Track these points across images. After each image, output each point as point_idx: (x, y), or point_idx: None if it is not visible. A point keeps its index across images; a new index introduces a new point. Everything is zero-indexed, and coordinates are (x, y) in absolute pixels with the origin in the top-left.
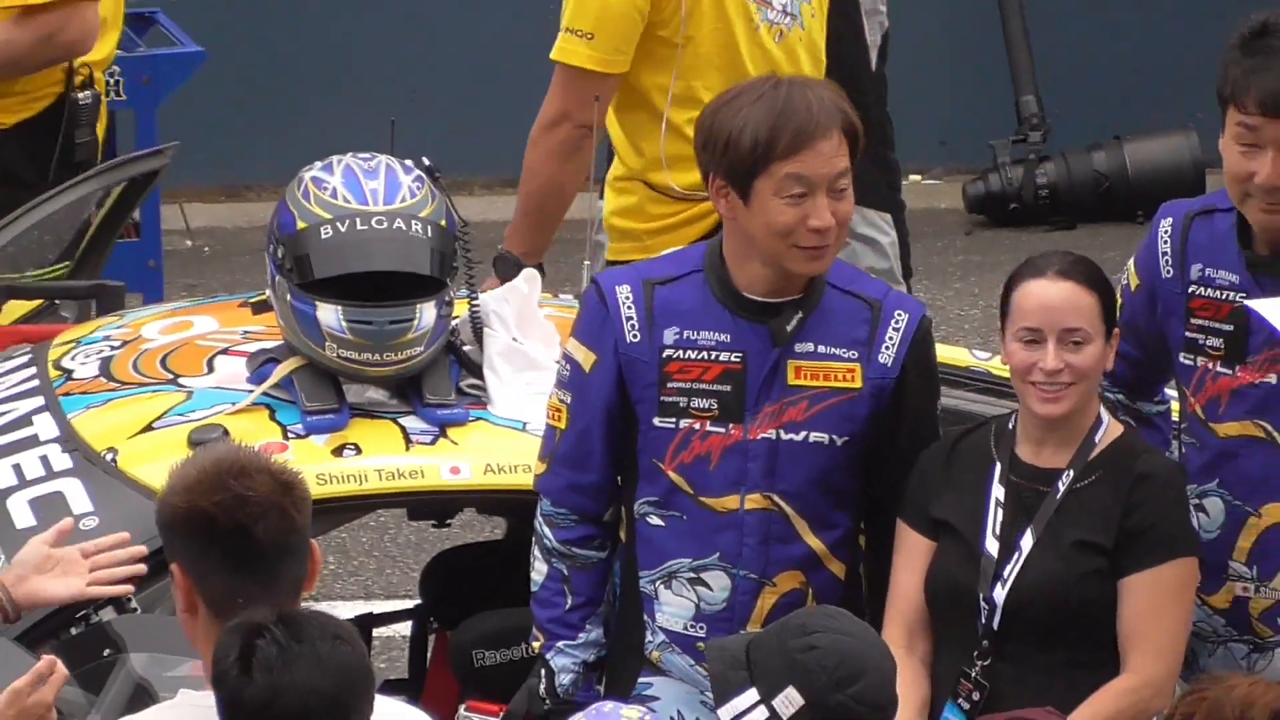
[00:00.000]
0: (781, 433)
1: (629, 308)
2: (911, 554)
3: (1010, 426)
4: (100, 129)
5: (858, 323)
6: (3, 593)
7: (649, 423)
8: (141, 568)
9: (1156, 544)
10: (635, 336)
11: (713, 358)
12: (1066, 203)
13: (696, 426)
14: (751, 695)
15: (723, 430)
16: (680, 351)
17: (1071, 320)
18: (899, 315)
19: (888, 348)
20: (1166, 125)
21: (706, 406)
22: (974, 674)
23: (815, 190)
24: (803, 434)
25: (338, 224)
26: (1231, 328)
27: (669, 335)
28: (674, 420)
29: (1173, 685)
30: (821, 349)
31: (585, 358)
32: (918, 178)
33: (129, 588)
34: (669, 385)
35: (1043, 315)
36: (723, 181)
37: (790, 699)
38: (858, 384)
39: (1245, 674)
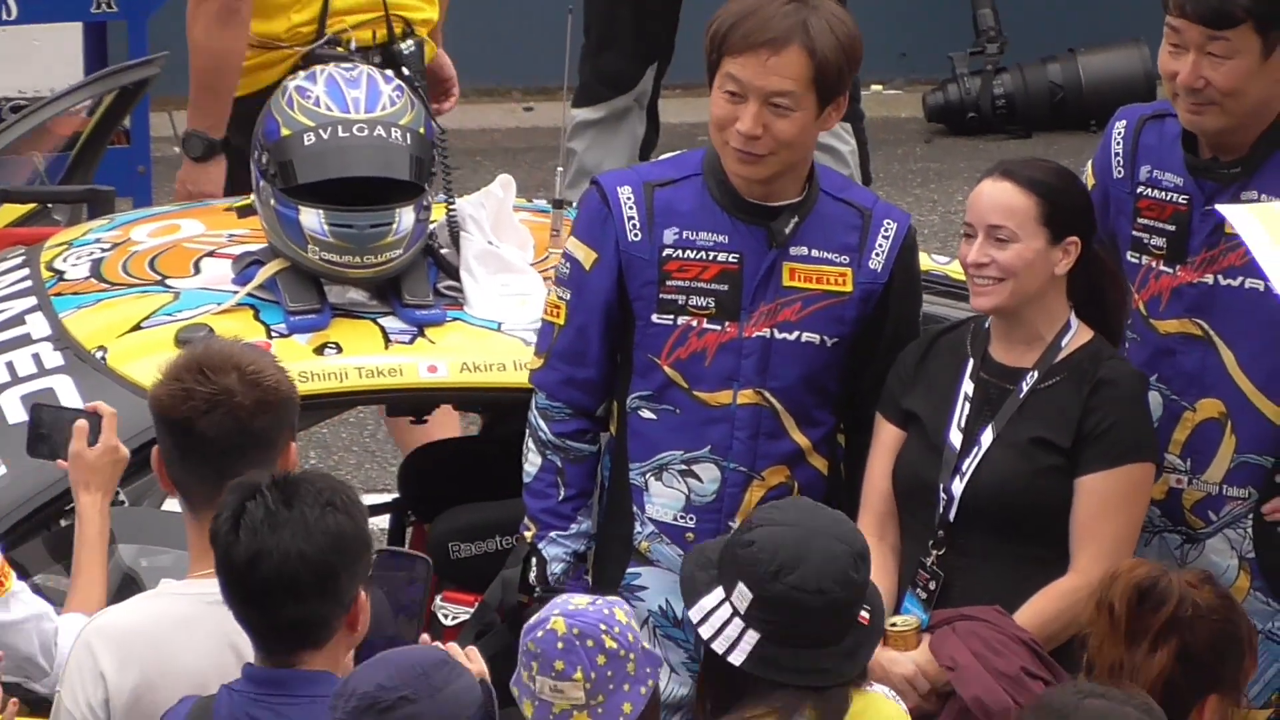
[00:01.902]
0: (775, 332)
1: (630, 208)
2: (883, 444)
3: (986, 326)
4: None
5: (849, 229)
6: None
7: (646, 319)
8: None
9: (1111, 447)
10: (636, 235)
11: (711, 258)
12: (1022, 112)
13: (694, 324)
14: (717, 594)
15: (719, 328)
16: (679, 251)
17: (994, 218)
18: (888, 224)
19: (877, 254)
20: (1119, 38)
21: (704, 304)
22: (930, 563)
23: (748, 96)
24: (795, 334)
25: (320, 131)
26: (1174, 228)
27: (669, 235)
28: (672, 317)
29: None
30: (815, 253)
31: (586, 256)
32: (879, 88)
33: None
34: (668, 283)
35: (973, 211)
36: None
37: (741, 593)
38: (849, 288)
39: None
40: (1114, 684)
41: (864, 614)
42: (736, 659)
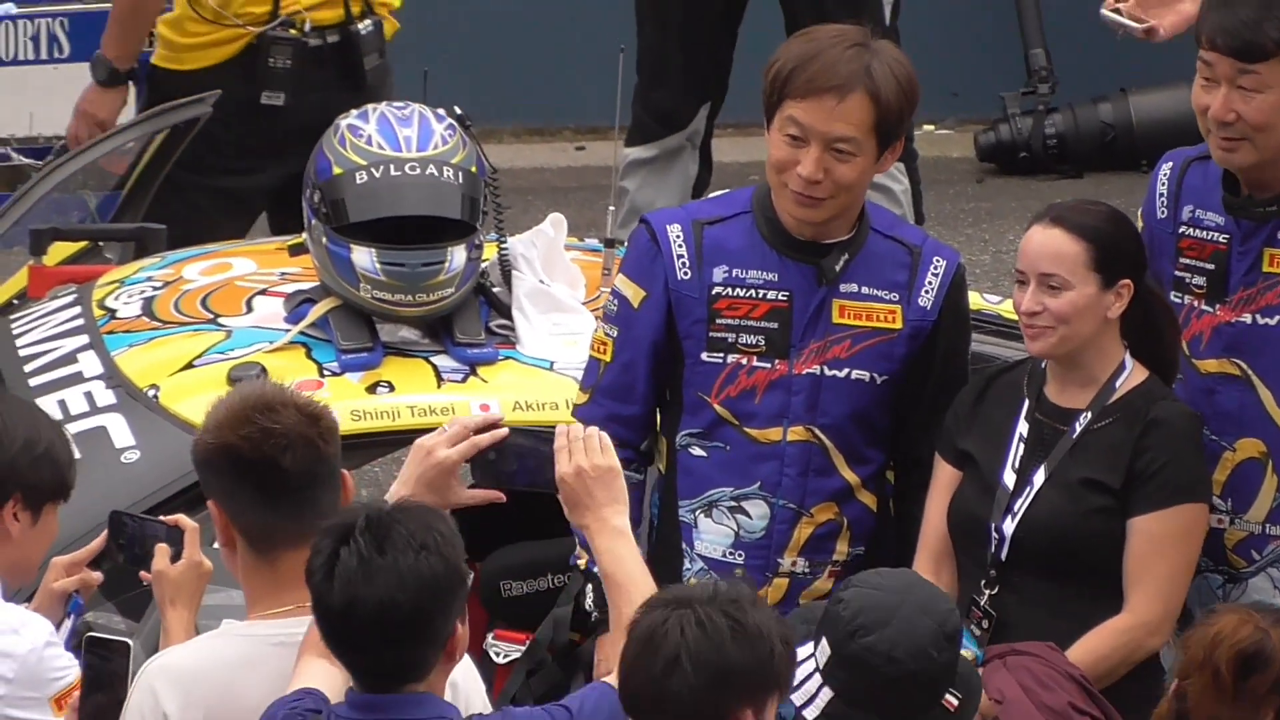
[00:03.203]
0: (825, 369)
1: (679, 246)
2: (940, 484)
3: (1043, 366)
4: None
5: (898, 266)
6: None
7: (696, 357)
8: None
9: (1163, 487)
10: (686, 274)
11: (760, 295)
12: (1074, 152)
13: (744, 361)
14: (808, 647)
15: (768, 365)
16: (729, 289)
17: (1046, 265)
18: (937, 261)
19: (927, 292)
20: (1171, 78)
21: (754, 342)
22: (982, 603)
23: (810, 140)
24: (845, 371)
25: (372, 170)
26: (1214, 267)
27: (718, 273)
28: (722, 355)
29: (1170, 627)
30: (865, 290)
31: (634, 294)
32: (930, 128)
33: None
34: (717, 321)
35: (1025, 259)
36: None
37: (823, 649)
38: (898, 325)
39: (1235, 606)
40: None
41: (950, 698)
42: (809, 714)
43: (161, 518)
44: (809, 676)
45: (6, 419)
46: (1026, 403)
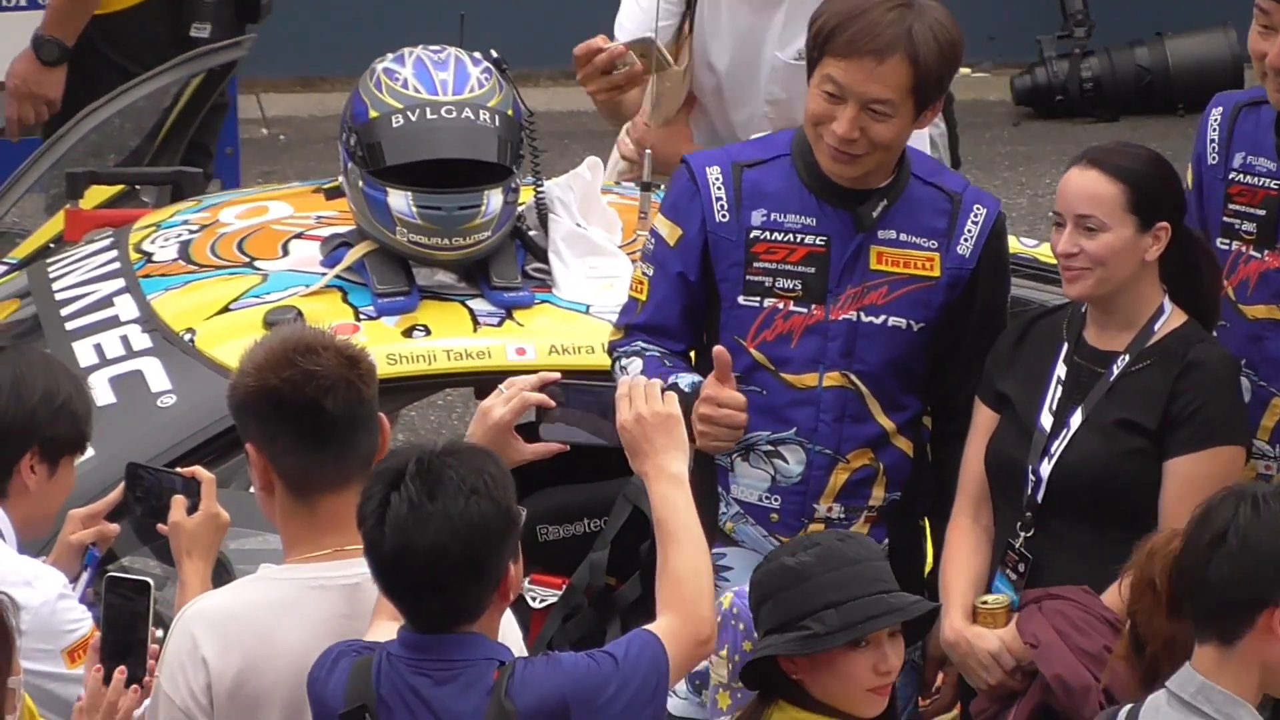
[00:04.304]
0: (862, 315)
1: (718, 188)
2: (979, 428)
3: (1082, 310)
4: None
5: (938, 213)
6: None
7: (733, 301)
8: None
9: (1198, 430)
10: (724, 216)
11: (798, 240)
12: (1110, 96)
13: (780, 306)
14: None
15: (805, 310)
16: (767, 233)
17: (1082, 207)
18: (978, 209)
19: (966, 239)
20: (1206, 22)
21: (790, 287)
22: (1018, 545)
23: (847, 98)
24: (882, 317)
25: (408, 113)
26: (1264, 213)
27: (756, 217)
28: (758, 299)
29: None
30: (903, 237)
31: (670, 232)
32: (967, 71)
33: None
34: (755, 265)
35: (1062, 201)
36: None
37: None
38: (936, 272)
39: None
40: (1169, 659)
41: None
42: None
43: (178, 469)
44: None
45: (25, 371)
46: (1065, 346)
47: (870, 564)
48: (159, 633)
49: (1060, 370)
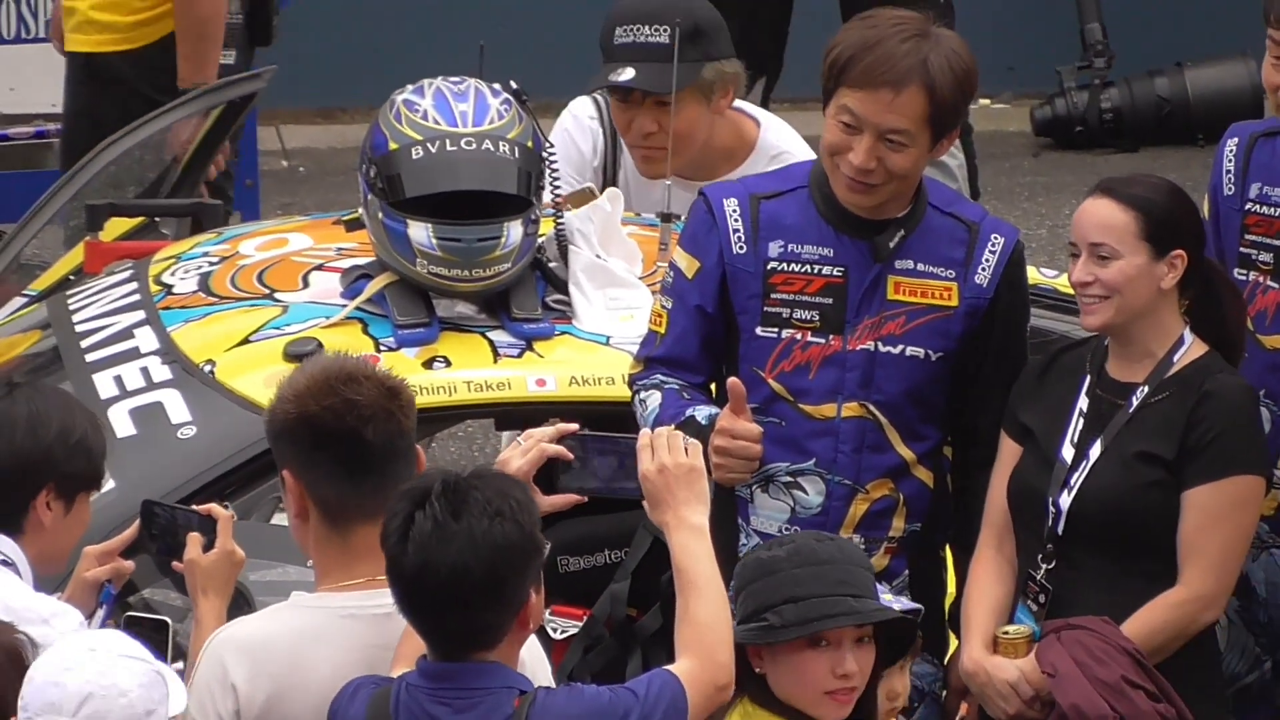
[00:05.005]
0: (879, 345)
1: (735, 220)
2: (1003, 460)
3: (1105, 343)
4: None
5: (955, 243)
6: None
7: (751, 332)
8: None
9: (1215, 460)
10: (741, 248)
11: (816, 271)
12: (1130, 126)
13: (798, 337)
14: None
15: (823, 341)
16: (784, 264)
17: (1096, 235)
18: (995, 238)
19: (984, 269)
20: (1226, 52)
21: (808, 318)
22: (1039, 576)
23: (863, 129)
24: (900, 347)
25: (428, 145)
26: None
27: (774, 248)
28: (776, 330)
29: (1224, 600)
30: (920, 266)
31: (689, 265)
32: (986, 102)
33: None
34: (772, 296)
35: (1077, 231)
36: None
37: None
38: (954, 302)
39: None
40: None
41: None
42: None
43: (194, 507)
44: None
45: (41, 407)
46: (1088, 378)
47: (843, 566)
48: (179, 665)
49: (1083, 402)
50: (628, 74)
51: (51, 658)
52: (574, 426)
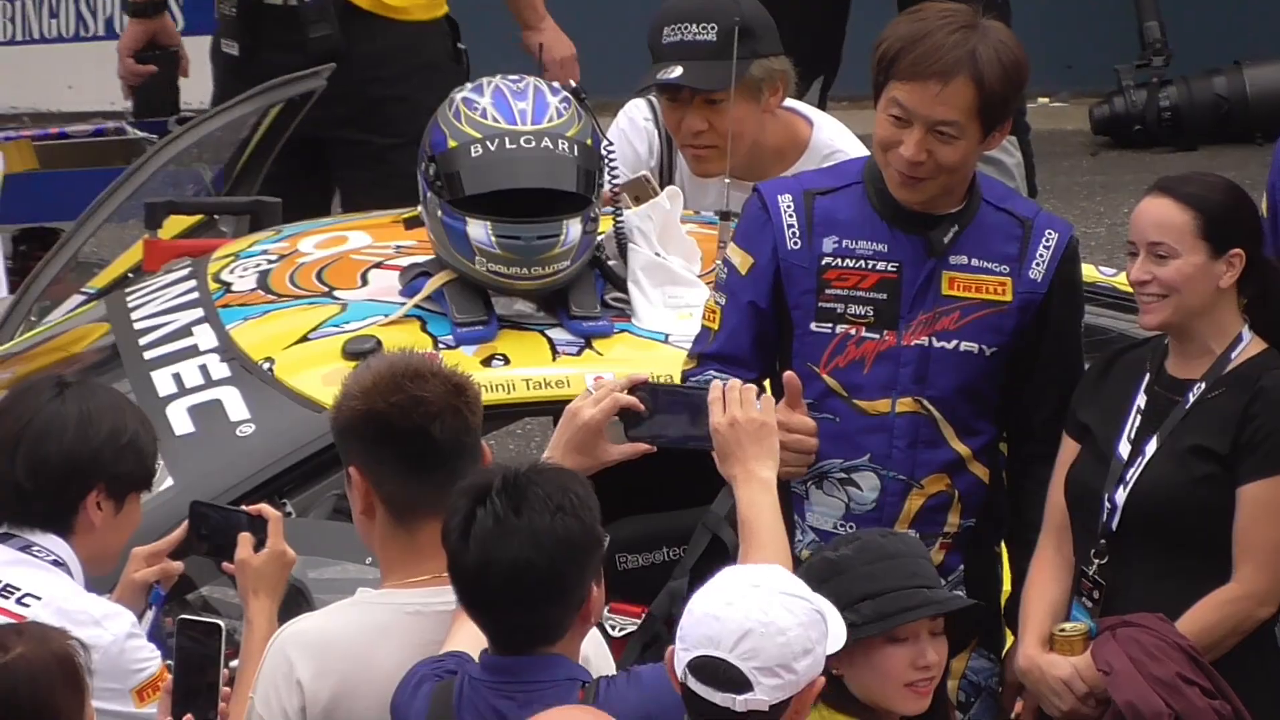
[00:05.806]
0: (934, 340)
1: (790, 215)
2: (1063, 460)
3: (1166, 341)
4: None
5: (1009, 239)
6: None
7: (805, 327)
8: None
9: (1270, 454)
10: (795, 244)
11: (870, 266)
12: (1188, 125)
13: (852, 332)
14: None
15: (877, 336)
16: (839, 260)
17: (1153, 234)
18: (1049, 234)
19: (1038, 264)
20: None
21: (862, 313)
22: (1091, 572)
23: (913, 122)
24: (954, 343)
25: (487, 143)
26: None
27: (828, 244)
28: (830, 325)
29: (1278, 597)
30: (975, 262)
31: (742, 261)
32: (1045, 101)
33: None
34: (826, 292)
35: (1135, 230)
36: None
37: None
38: (1008, 297)
39: None
40: None
41: None
42: None
43: (244, 507)
44: None
45: (92, 408)
46: (1147, 376)
47: (910, 559)
48: (234, 663)
49: (1140, 399)
50: (676, 72)
51: (712, 592)
52: (645, 375)
